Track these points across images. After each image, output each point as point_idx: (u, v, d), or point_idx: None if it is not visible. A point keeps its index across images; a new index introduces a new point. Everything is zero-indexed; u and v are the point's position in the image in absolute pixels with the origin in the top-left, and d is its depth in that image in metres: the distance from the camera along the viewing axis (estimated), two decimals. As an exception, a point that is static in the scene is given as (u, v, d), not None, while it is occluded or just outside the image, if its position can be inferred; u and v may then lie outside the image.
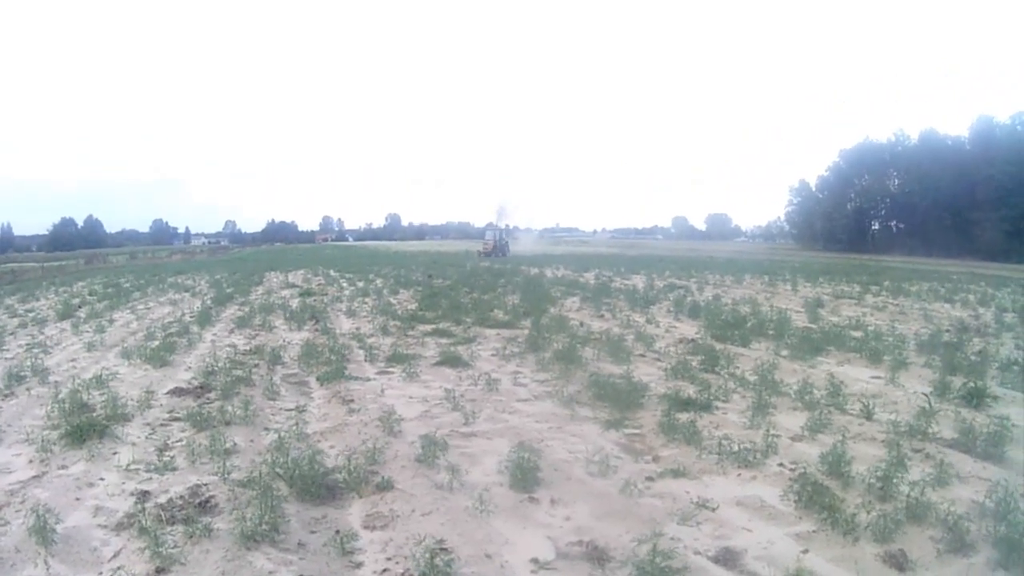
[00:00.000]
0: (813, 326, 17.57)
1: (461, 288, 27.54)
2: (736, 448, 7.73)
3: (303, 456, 7.01)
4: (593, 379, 10.82)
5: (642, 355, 13.77)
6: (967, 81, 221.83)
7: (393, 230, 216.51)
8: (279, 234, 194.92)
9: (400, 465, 7.29)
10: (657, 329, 17.16)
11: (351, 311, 20.73)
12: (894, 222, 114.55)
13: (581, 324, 17.48)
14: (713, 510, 6.43)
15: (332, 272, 40.27)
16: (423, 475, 7.04)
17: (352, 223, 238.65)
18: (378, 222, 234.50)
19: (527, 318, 18.27)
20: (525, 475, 6.86)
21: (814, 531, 5.97)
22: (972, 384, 10.46)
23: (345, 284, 31.67)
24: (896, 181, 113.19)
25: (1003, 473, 7.20)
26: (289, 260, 60.75)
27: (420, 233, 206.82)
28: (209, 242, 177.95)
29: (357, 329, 16.77)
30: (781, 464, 7.57)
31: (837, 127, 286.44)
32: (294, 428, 8.58)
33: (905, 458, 7.43)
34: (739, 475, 7.30)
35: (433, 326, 17.00)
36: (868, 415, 9.36)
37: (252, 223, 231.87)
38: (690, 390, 10.49)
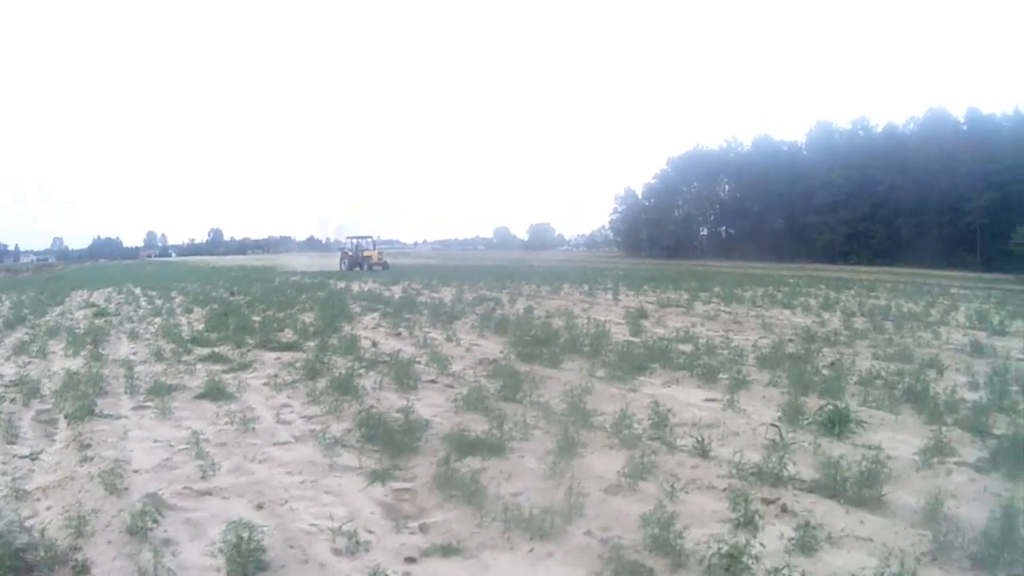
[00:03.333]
0: (635, 340, 16.68)
1: (258, 305, 27.33)
2: (529, 510, 6.24)
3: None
4: (365, 416, 9.36)
5: (433, 381, 12.60)
6: (806, 89, 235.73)
7: (216, 245, 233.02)
8: (105, 251, 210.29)
9: (106, 539, 6.18)
10: (457, 348, 16.11)
11: (134, 334, 19.81)
12: (724, 227, 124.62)
13: (374, 344, 16.77)
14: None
15: (137, 290, 40.15)
16: (127, 555, 5.91)
17: (176, 238, 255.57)
18: (201, 237, 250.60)
19: (317, 338, 17.48)
20: (246, 559, 5.62)
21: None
22: (831, 406, 9.41)
23: (144, 303, 31.14)
24: (727, 187, 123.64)
25: (887, 526, 6.20)
26: (104, 277, 60.69)
27: (242, 247, 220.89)
28: (37, 260, 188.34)
29: (134, 354, 16.11)
30: (588, 532, 6.11)
31: (668, 137, 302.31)
32: (12, 484, 7.67)
33: (756, 515, 6.15)
34: (531, 550, 5.85)
35: (212, 349, 16.30)
36: (703, 452, 8.08)
37: (80, 240, 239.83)
38: (481, 426, 9.03)
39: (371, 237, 73.56)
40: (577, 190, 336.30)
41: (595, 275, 49.22)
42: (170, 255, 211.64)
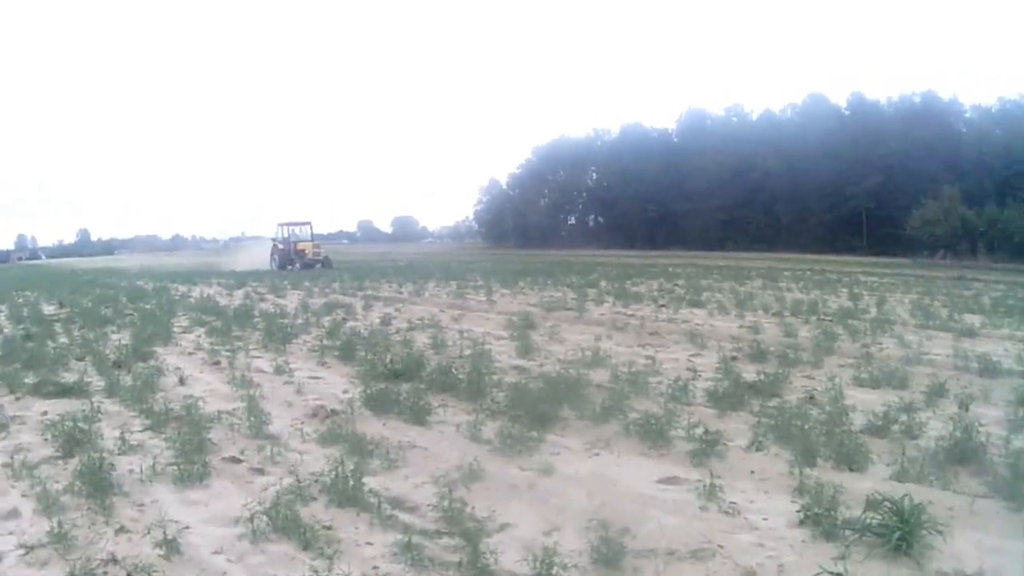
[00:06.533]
0: (528, 364, 12.74)
1: (75, 322, 21.40)
2: None
3: None
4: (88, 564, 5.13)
5: (236, 458, 8.01)
6: (677, 79, 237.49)
7: (84, 246, 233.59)
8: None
9: None
10: (287, 387, 11.53)
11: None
12: (592, 216, 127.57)
13: (181, 381, 12.15)
14: None
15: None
16: None
17: (47, 240, 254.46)
18: (69, 238, 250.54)
19: (115, 370, 12.75)
20: None
21: None
22: (886, 503, 5.56)
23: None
24: (595, 175, 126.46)
25: None
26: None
27: (109, 248, 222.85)
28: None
29: None
30: None
31: (534, 127, 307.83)
32: None
33: None
34: None
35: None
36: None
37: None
38: None
39: (308, 224, 58.57)
40: (441, 182, 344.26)
41: (462, 270, 45.61)
42: (40, 257, 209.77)
